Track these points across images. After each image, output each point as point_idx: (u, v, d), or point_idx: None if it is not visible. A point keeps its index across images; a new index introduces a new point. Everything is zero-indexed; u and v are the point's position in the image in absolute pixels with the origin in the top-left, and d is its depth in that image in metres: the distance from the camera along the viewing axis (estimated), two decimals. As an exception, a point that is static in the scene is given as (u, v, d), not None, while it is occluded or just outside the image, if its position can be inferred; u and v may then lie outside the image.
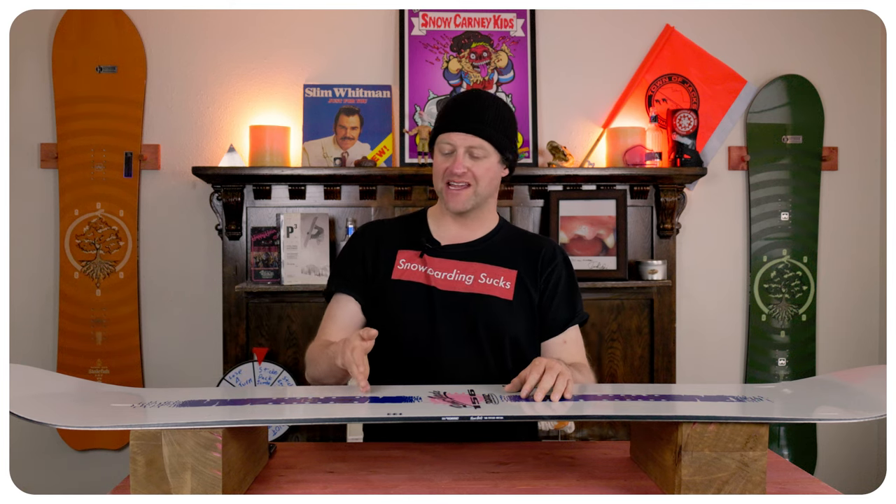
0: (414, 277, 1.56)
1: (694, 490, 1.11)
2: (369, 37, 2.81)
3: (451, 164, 1.52)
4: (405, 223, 1.67)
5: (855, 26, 2.91)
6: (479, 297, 1.54)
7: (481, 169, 1.53)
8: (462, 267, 1.57)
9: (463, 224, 1.61)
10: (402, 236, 1.62)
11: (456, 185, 1.53)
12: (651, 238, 2.81)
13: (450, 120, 1.54)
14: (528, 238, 1.68)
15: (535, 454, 1.39)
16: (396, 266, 1.57)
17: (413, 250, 1.59)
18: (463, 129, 1.52)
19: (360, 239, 1.64)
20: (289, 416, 1.26)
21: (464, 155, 1.52)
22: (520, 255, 1.61)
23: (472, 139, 1.52)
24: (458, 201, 1.54)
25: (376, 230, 1.66)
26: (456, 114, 1.54)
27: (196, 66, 2.78)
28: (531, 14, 2.81)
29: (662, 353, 2.79)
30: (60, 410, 1.16)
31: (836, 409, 1.28)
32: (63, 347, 2.70)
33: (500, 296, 1.55)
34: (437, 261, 1.57)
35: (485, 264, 1.57)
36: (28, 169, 2.73)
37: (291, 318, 2.70)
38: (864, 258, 2.94)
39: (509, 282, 1.56)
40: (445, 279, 1.55)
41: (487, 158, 1.53)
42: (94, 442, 2.74)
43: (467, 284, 1.55)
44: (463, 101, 1.57)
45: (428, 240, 1.60)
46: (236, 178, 2.61)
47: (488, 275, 1.56)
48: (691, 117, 2.71)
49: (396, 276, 1.56)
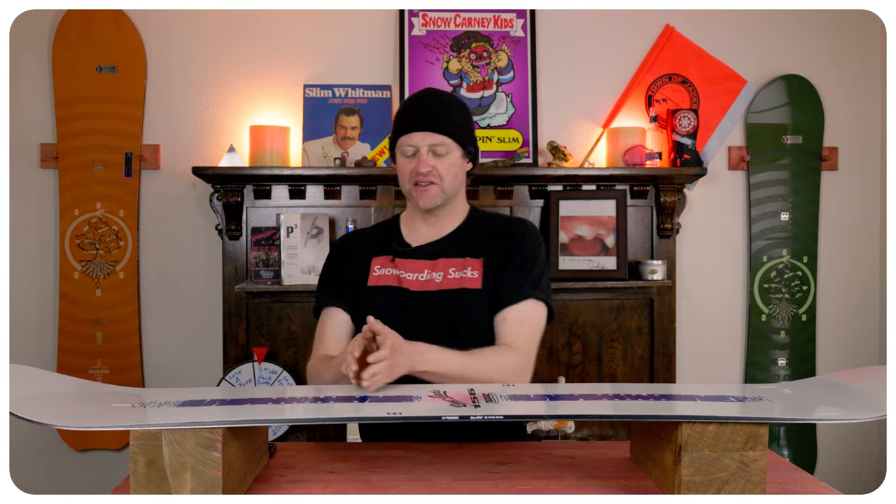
0: (388, 282, 1.57)
1: (694, 490, 1.11)
2: (369, 37, 2.81)
3: (416, 163, 1.54)
4: (379, 230, 1.70)
5: (855, 26, 2.91)
6: (450, 293, 1.54)
7: (445, 166, 1.55)
8: (431, 265, 1.58)
9: (432, 222, 1.62)
10: (375, 243, 1.64)
11: (422, 183, 1.55)
12: (651, 238, 2.81)
13: (409, 121, 1.56)
14: (497, 222, 1.66)
15: (535, 454, 1.39)
16: (371, 273, 1.59)
17: (386, 255, 1.61)
18: (423, 128, 1.54)
19: (339, 252, 1.68)
20: (289, 416, 1.26)
21: (427, 154, 1.54)
22: (487, 240, 1.60)
23: (433, 137, 1.54)
24: (426, 199, 1.56)
25: (352, 241, 1.69)
26: (414, 114, 1.56)
27: (196, 66, 2.78)
28: (531, 14, 2.81)
29: (662, 353, 2.79)
30: (60, 410, 1.16)
31: (836, 409, 1.28)
32: (63, 347, 2.70)
33: (469, 286, 1.54)
34: (407, 262, 1.59)
35: (453, 258, 1.58)
36: (28, 169, 2.73)
37: (291, 318, 2.70)
38: (864, 258, 2.94)
39: (476, 271, 1.56)
40: (417, 280, 1.56)
41: (450, 154, 1.55)
42: (94, 442, 2.74)
43: (437, 282, 1.55)
44: (418, 102, 1.59)
45: (399, 243, 1.62)
46: (236, 178, 2.61)
47: (456, 268, 1.57)
48: (691, 117, 2.71)
49: (372, 283, 1.58)
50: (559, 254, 2.67)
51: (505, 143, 2.77)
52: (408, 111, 1.59)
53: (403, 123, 1.57)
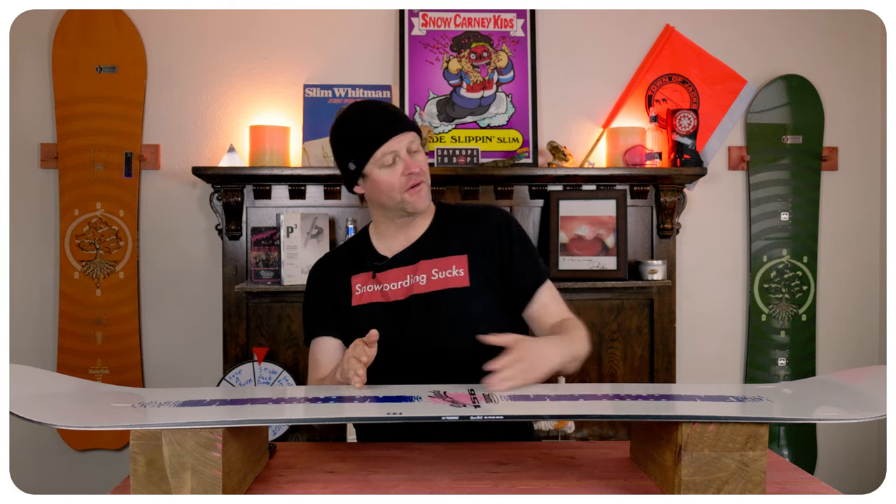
0: (372, 298, 1.56)
1: (694, 490, 1.11)
2: (369, 37, 2.81)
3: (404, 167, 1.51)
4: (349, 248, 1.67)
5: (855, 26, 2.91)
6: (438, 294, 1.53)
7: (423, 161, 1.55)
8: (413, 270, 1.56)
9: (407, 226, 1.60)
10: (350, 262, 1.62)
11: (417, 184, 1.53)
12: (651, 238, 2.81)
13: (376, 131, 1.51)
14: (469, 215, 1.64)
15: (535, 454, 1.39)
16: (354, 293, 1.58)
17: (365, 272, 1.59)
18: (397, 130, 1.51)
19: (316, 280, 1.65)
20: (289, 416, 1.26)
21: (407, 154, 1.52)
22: (465, 235, 1.59)
23: (406, 136, 1.52)
24: (421, 199, 1.54)
25: (326, 266, 1.66)
26: (376, 122, 1.52)
27: (196, 66, 2.78)
28: (531, 14, 2.81)
29: (662, 353, 2.79)
30: (60, 410, 1.16)
31: (836, 409, 1.28)
32: (63, 347, 2.70)
33: (456, 285, 1.54)
34: (388, 274, 1.57)
35: (433, 259, 1.56)
36: (28, 169, 2.73)
37: (291, 318, 2.70)
38: (864, 258, 2.94)
39: (462, 268, 1.55)
40: (401, 288, 1.55)
41: (422, 148, 1.57)
42: (94, 442, 2.74)
43: (422, 285, 1.54)
44: (369, 112, 1.55)
45: (375, 258, 1.60)
46: (236, 178, 2.61)
47: (439, 268, 1.55)
48: (691, 117, 2.71)
49: (356, 303, 1.57)
50: (559, 254, 2.67)
51: (505, 143, 2.77)
52: (364, 127, 1.52)
53: (371, 137, 1.51)
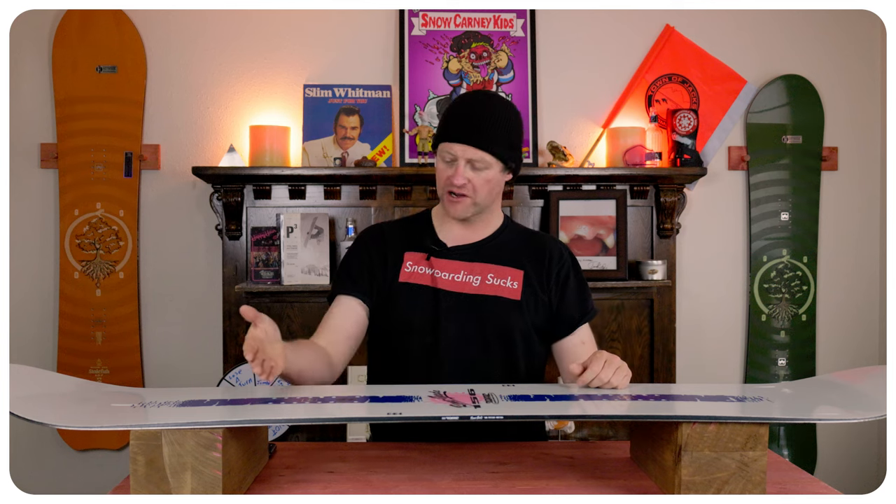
0: (421, 280, 1.55)
1: (694, 490, 1.11)
2: (369, 37, 2.81)
3: (452, 173, 1.50)
4: (410, 224, 1.66)
5: (855, 26, 2.91)
6: (486, 298, 1.54)
7: (481, 180, 1.51)
8: (469, 268, 1.56)
9: (467, 226, 1.60)
10: (407, 238, 1.61)
11: (456, 194, 1.52)
12: (651, 238, 2.81)
13: (452, 129, 1.50)
14: (534, 237, 1.67)
15: (535, 454, 1.40)
16: (403, 269, 1.56)
17: (419, 252, 1.58)
18: (464, 140, 1.48)
19: (366, 242, 1.62)
20: (289, 416, 1.25)
21: (465, 166, 1.49)
22: (526, 254, 1.60)
23: (473, 152, 1.48)
24: (457, 210, 1.54)
25: (381, 233, 1.64)
26: (459, 122, 1.50)
27: (196, 66, 2.78)
28: (531, 14, 2.81)
29: (662, 353, 2.79)
30: (60, 410, 1.16)
31: (836, 409, 1.28)
32: (63, 347, 2.70)
33: (508, 296, 1.54)
34: (443, 262, 1.56)
35: (492, 265, 1.57)
36: (28, 169, 2.73)
37: (291, 318, 2.70)
38: (864, 258, 2.94)
39: (517, 282, 1.56)
40: (453, 280, 1.55)
41: (489, 170, 1.51)
42: (94, 442, 2.74)
43: (474, 286, 1.55)
44: (466, 109, 1.52)
45: (434, 241, 1.59)
46: (236, 178, 2.61)
47: (495, 275, 1.56)
48: (691, 117, 2.71)
49: (404, 279, 1.56)
50: (559, 254, 2.67)
51: (505, 143, 2.77)
52: (453, 117, 1.51)
53: (447, 129, 1.51)
